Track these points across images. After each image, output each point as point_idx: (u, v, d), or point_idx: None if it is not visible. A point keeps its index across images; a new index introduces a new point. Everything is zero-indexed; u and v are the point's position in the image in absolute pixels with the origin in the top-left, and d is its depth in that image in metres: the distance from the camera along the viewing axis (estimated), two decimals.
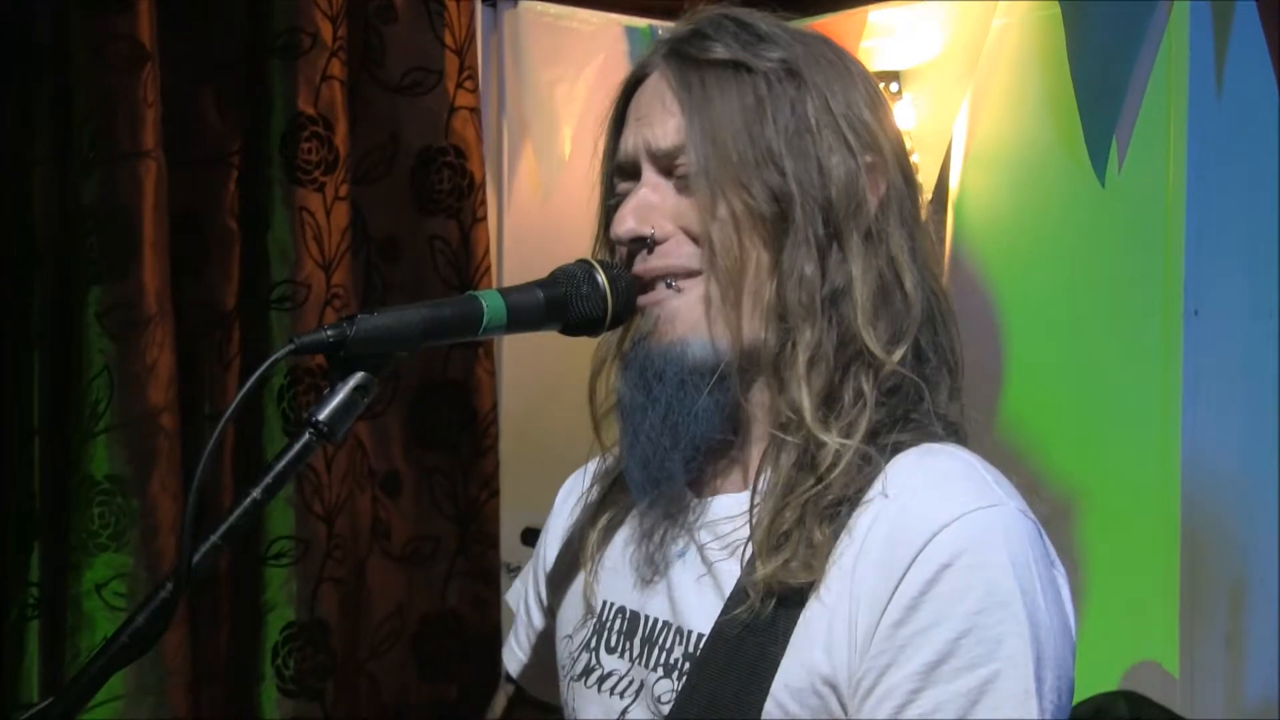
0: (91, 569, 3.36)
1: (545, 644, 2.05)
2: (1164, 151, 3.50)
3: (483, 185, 3.84)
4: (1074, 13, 3.54)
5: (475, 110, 3.81)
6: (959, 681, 1.59)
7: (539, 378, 3.97)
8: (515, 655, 2.13)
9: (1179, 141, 3.47)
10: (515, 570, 3.96)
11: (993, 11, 3.80)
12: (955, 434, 1.76)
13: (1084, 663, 1.76)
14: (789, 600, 1.67)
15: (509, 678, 2.16)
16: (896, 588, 1.62)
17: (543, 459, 3.85)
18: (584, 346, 1.88)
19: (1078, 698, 1.74)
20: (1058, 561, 1.70)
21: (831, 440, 1.68)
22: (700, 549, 1.78)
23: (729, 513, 1.76)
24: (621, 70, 4.03)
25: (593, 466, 2.04)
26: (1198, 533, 3.45)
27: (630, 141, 1.78)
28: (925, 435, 1.73)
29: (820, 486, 1.68)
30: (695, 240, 1.73)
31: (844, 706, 1.65)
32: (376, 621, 3.78)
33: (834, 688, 1.65)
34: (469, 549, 3.85)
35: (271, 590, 3.59)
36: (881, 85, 3.96)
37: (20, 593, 3.37)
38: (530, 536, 3.89)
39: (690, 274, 1.74)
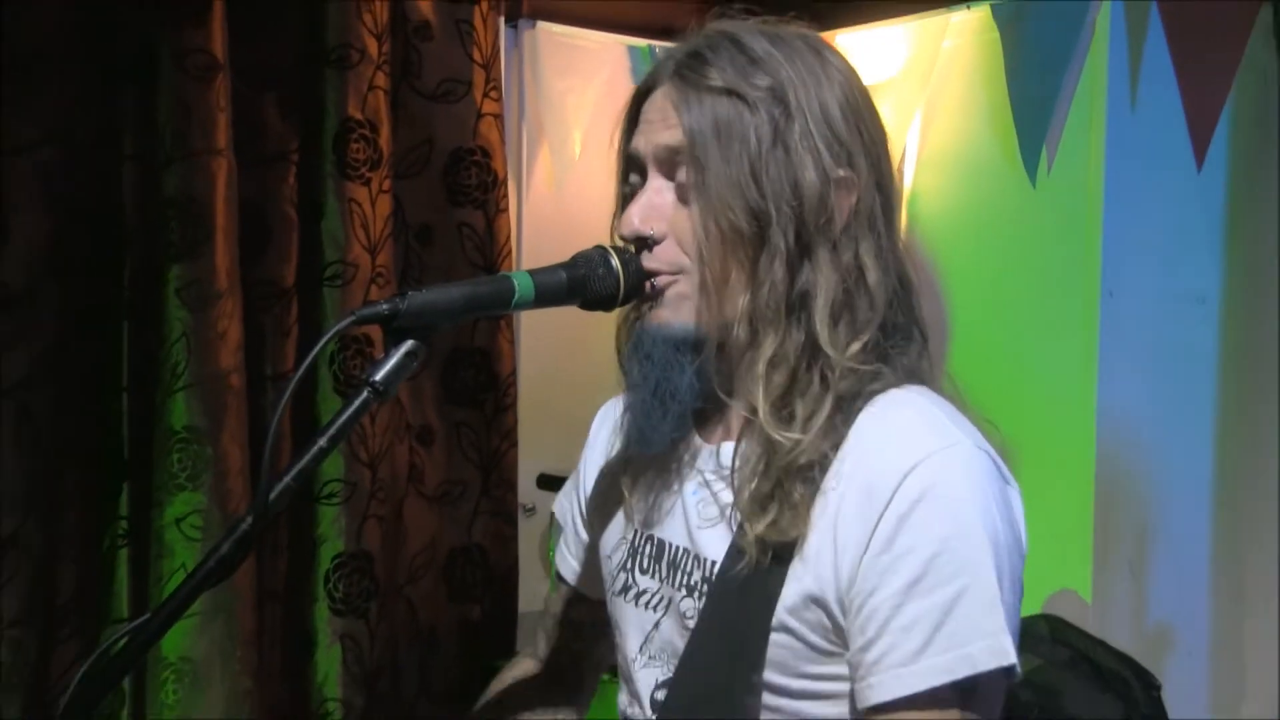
0: (172, 506, 3.40)
1: (591, 555, 2.06)
2: (1086, 157, 3.50)
3: (505, 181, 3.87)
4: (1010, 37, 3.53)
5: (499, 116, 3.85)
6: (934, 596, 1.61)
7: (552, 346, 4.00)
8: (568, 562, 2.11)
9: (1098, 148, 3.47)
10: (531, 510, 4.05)
11: (942, 36, 3.80)
12: (914, 377, 1.76)
13: None
14: (782, 551, 1.69)
15: (562, 579, 2.14)
16: (877, 524, 1.63)
17: (555, 415, 3.92)
18: (591, 320, 1.87)
19: None
20: (1011, 480, 1.71)
21: (782, 437, 1.69)
22: (711, 490, 1.79)
23: (728, 458, 1.77)
24: (624, 82, 4.10)
25: (617, 407, 2.00)
26: (1109, 481, 3.47)
27: (640, 142, 1.78)
28: (889, 383, 1.73)
29: (793, 454, 1.69)
30: (683, 246, 1.74)
31: (832, 618, 1.67)
32: (412, 553, 3.81)
33: (824, 606, 1.67)
34: (491, 492, 3.90)
35: (324, 525, 3.65)
36: None
37: (112, 525, 3.39)
38: (545, 481, 3.96)
39: (677, 273, 1.75)
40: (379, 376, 1.61)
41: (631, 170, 1.80)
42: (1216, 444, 3.57)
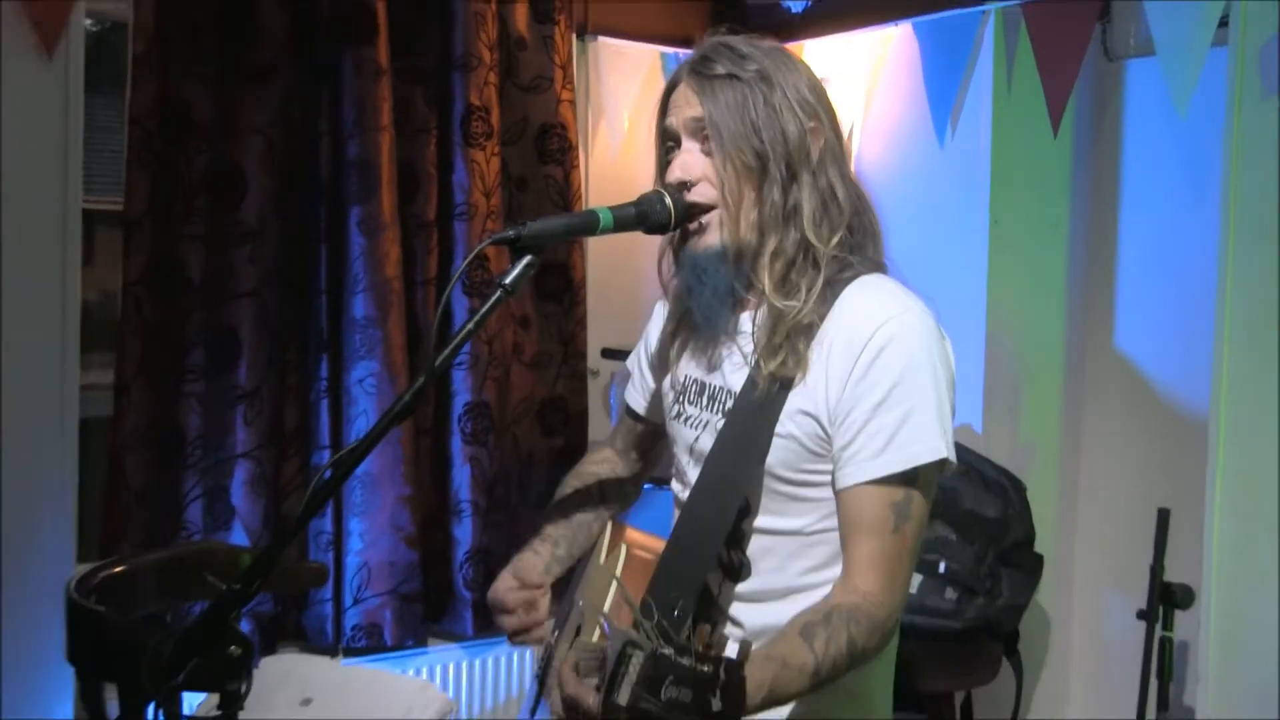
0: (355, 370, 3.49)
1: (651, 392, 2.06)
2: (977, 125, 3.47)
3: (576, 147, 3.88)
4: (927, 43, 3.52)
5: (572, 102, 3.87)
6: (892, 413, 1.65)
7: (610, 262, 3.99)
8: (635, 397, 2.11)
9: (986, 119, 3.44)
10: (595, 373, 4.04)
11: (882, 44, 3.78)
12: (879, 269, 1.78)
13: None
14: (786, 383, 1.73)
15: (630, 407, 2.13)
16: (855, 362, 1.68)
17: (612, 309, 3.99)
18: (638, 244, 1.92)
19: None
20: (945, 335, 1.75)
21: (779, 304, 1.73)
22: (738, 345, 1.82)
23: (749, 325, 1.80)
24: (656, 77, 4.09)
25: (661, 308, 2.05)
26: (994, 350, 3.49)
27: (672, 120, 1.79)
28: (861, 271, 1.76)
29: (795, 318, 1.72)
30: (712, 185, 1.75)
31: (822, 428, 1.71)
32: (515, 402, 3.83)
33: (817, 419, 1.71)
34: (569, 360, 3.93)
35: (457, 383, 3.70)
36: None
37: (316, 383, 3.49)
38: (606, 353, 4.00)
39: (709, 209, 1.75)
40: (508, 280, 1.63)
41: (668, 140, 1.82)
42: (1067, 325, 3.56)
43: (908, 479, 1.67)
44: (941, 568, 3.16)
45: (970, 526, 3.19)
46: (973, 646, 3.16)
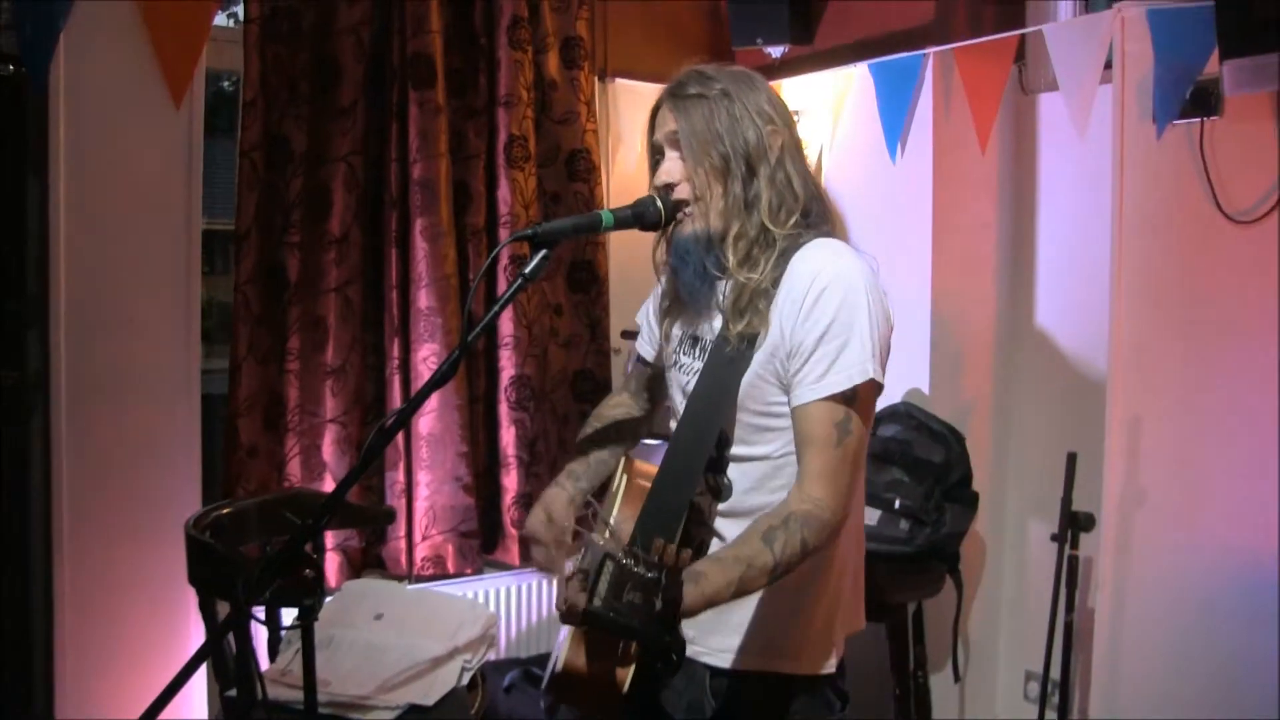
0: (420, 350, 3.48)
1: (659, 340, 1.99)
2: (922, 145, 3.46)
3: (598, 167, 3.84)
4: (880, 80, 3.48)
5: (595, 131, 3.83)
6: (832, 344, 1.64)
7: (627, 260, 3.92)
8: (645, 347, 2.07)
9: (928, 140, 3.44)
10: (617, 351, 3.95)
11: (845, 81, 3.76)
12: (828, 234, 1.76)
13: None
14: (752, 339, 1.71)
15: (640, 356, 2.09)
16: (800, 306, 1.66)
17: (628, 298, 3.88)
18: (650, 245, 1.90)
19: None
20: (881, 286, 1.71)
21: (741, 277, 1.72)
22: (715, 309, 1.80)
23: (723, 295, 1.79)
24: None
25: (659, 288, 2.02)
26: (939, 329, 3.46)
27: (657, 136, 1.79)
28: (810, 238, 1.74)
29: (756, 285, 1.71)
30: (689, 184, 1.74)
31: (782, 364, 1.70)
32: (552, 374, 3.80)
33: (777, 356, 1.70)
34: (595, 340, 3.89)
35: (503, 360, 3.67)
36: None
37: (389, 361, 3.48)
38: (626, 334, 3.92)
39: (688, 203, 1.75)
40: (527, 270, 1.64)
41: (655, 153, 1.81)
42: (996, 306, 3.56)
43: (847, 399, 1.65)
44: (897, 504, 3.16)
45: (920, 470, 3.19)
46: (923, 566, 3.16)
